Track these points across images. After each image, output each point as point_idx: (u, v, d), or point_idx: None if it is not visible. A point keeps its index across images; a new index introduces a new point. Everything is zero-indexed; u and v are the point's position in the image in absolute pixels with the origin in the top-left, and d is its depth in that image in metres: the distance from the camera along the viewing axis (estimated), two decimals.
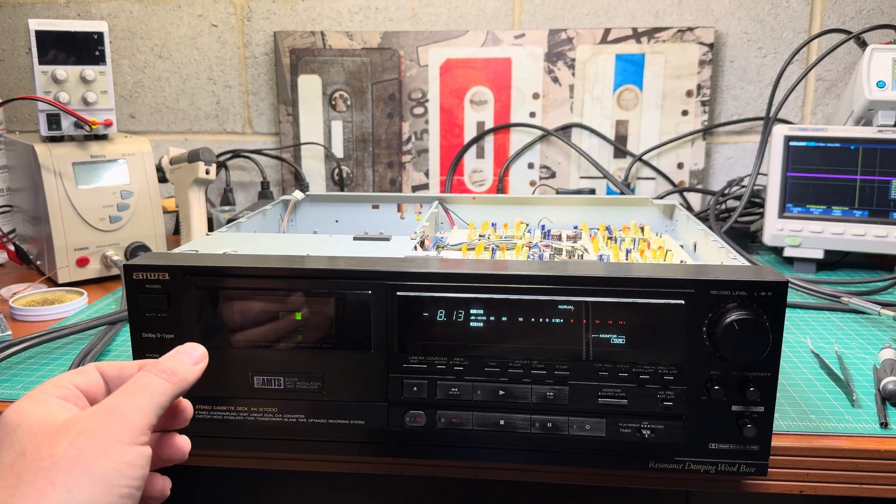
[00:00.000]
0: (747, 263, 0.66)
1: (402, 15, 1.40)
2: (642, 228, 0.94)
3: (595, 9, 1.36)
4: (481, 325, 0.60)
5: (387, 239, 0.78)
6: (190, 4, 1.43)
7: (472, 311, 0.60)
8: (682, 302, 0.58)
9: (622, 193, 1.33)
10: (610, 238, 0.88)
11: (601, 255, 0.78)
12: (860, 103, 1.11)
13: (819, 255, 1.11)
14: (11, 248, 1.18)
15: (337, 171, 1.43)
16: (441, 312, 0.60)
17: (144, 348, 0.63)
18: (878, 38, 1.21)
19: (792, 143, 1.12)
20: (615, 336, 0.59)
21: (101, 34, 1.08)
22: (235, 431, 0.64)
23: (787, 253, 1.13)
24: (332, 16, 1.41)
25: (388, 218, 1.03)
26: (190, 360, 0.49)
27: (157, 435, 0.50)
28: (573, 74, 1.35)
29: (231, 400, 0.64)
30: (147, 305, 0.62)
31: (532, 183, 1.41)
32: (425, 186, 1.43)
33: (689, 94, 1.34)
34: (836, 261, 1.17)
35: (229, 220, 1.07)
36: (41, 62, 1.05)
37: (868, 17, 1.31)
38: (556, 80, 1.36)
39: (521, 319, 0.60)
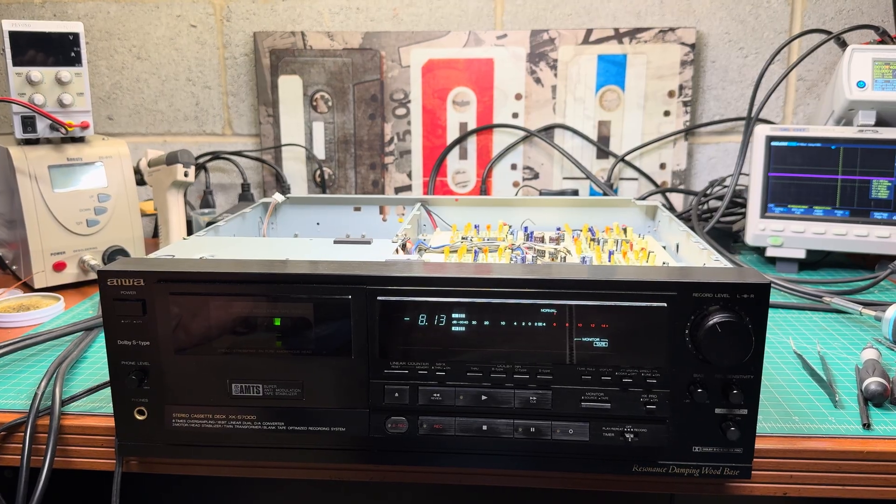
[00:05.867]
0: (729, 265, 0.65)
1: (384, 15, 1.39)
2: (625, 230, 0.93)
3: (577, 9, 1.36)
4: (463, 329, 0.59)
5: (368, 242, 0.77)
6: (168, 5, 1.41)
7: (454, 316, 0.59)
8: (665, 305, 0.58)
9: (605, 194, 1.33)
10: (593, 239, 0.88)
11: (584, 257, 0.78)
12: (841, 103, 1.11)
13: (801, 254, 1.12)
14: None
15: (318, 172, 1.42)
16: (422, 317, 0.59)
17: (120, 356, 0.62)
18: (858, 39, 1.21)
19: (773, 143, 1.12)
20: (598, 339, 0.59)
21: (76, 35, 1.06)
22: (213, 440, 0.63)
23: (770, 253, 1.14)
24: (313, 16, 1.40)
25: (370, 220, 1.02)
26: None
27: None
28: (555, 75, 1.35)
29: (209, 408, 0.63)
30: (122, 312, 0.61)
31: (515, 184, 1.41)
32: (408, 188, 1.43)
33: (671, 94, 1.34)
34: (817, 260, 1.17)
35: (209, 223, 1.06)
36: (15, 63, 1.03)
37: (848, 18, 1.32)
38: (538, 80, 1.36)
39: (503, 323, 0.59)
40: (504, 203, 0.99)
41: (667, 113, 1.35)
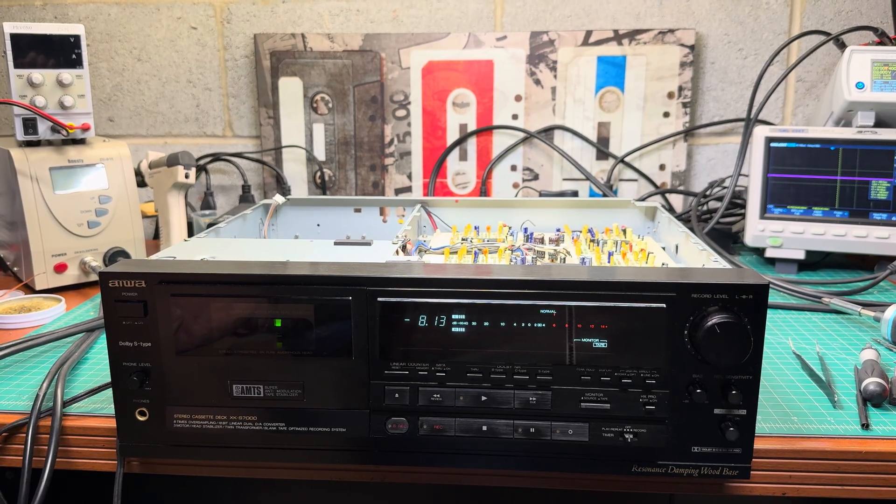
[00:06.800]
0: (728, 266, 0.66)
1: (384, 17, 1.39)
2: (624, 231, 0.93)
3: (576, 11, 1.36)
4: (463, 330, 0.60)
5: (368, 243, 0.78)
6: (169, 7, 1.41)
7: (454, 317, 0.59)
8: (664, 305, 0.58)
9: (604, 195, 1.33)
10: (592, 240, 0.88)
11: (583, 258, 0.78)
12: (840, 104, 1.11)
13: (800, 255, 1.12)
14: None
15: (319, 174, 1.42)
16: (423, 318, 0.60)
17: (122, 357, 0.62)
18: (857, 40, 1.21)
19: (773, 144, 1.12)
20: (597, 340, 0.59)
21: (77, 37, 1.06)
22: (214, 440, 0.63)
23: (769, 254, 1.14)
24: (313, 18, 1.40)
25: (370, 221, 1.02)
26: None
27: None
28: (555, 76, 1.35)
29: (210, 409, 0.63)
30: (124, 313, 0.61)
31: (515, 185, 1.41)
32: (408, 189, 1.43)
33: (670, 95, 1.34)
34: (817, 261, 1.18)
35: (209, 225, 1.06)
36: (16, 65, 1.03)
37: (847, 19, 1.32)
38: (538, 82, 1.36)
39: (503, 324, 0.59)
40: (504, 204, 1.00)
41: (666, 114, 1.35)
